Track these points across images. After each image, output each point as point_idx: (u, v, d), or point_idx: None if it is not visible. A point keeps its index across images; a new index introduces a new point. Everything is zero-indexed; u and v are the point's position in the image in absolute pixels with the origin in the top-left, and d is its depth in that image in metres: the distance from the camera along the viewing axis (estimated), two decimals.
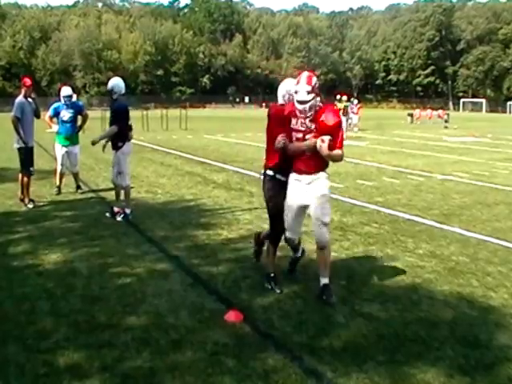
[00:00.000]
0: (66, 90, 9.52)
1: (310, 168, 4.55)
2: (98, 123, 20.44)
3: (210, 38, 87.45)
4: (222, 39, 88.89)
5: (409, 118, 39.05)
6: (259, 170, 5.19)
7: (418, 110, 43.63)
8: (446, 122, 34.49)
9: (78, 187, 9.75)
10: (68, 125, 9.50)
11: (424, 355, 3.62)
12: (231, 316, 4.13)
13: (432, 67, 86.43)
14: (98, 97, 65.77)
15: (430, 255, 5.90)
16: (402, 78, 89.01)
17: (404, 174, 12.18)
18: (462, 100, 79.08)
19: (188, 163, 14.07)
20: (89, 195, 9.50)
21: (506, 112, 70.45)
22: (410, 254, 5.92)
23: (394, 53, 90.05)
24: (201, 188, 10.22)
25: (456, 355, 3.61)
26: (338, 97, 25.72)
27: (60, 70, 75.20)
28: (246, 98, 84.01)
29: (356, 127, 27.46)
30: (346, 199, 9.00)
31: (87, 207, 8.45)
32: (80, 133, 9.88)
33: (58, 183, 9.53)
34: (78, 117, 9.75)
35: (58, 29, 78.64)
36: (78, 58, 75.47)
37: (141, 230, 6.94)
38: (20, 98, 8.17)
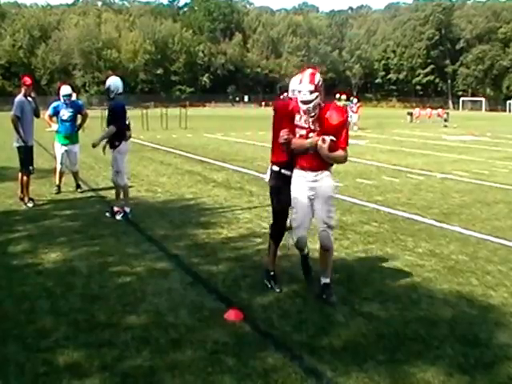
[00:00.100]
0: (66, 89, 9.51)
1: (314, 166, 4.45)
2: (97, 122, 20.43)
3: (210, 36, 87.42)
4: (221, 38, 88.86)
5: (408, 117, 39.04)
6: (259, 169, 5.19)
7: (417, 109, 43.60)
8: (445, 120, 34.50)
9: (77, 186, 9.75)
10: (67, 124, 9.50)
11: (424, 354, 3.62)
12: (231, 315, 4.13)
13: (431, 66, 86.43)
14: (98, 96, 65.72)
15: (429, 254, 5.90)
16: (401, 76, 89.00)
17: (403, 173, 12.19)
18: (461, 99, 79.06)
19: (188, 162, 14.07)
20: (88, 194, 9.50)
21: (505, 111, 70.43)
22: (409, 253, 5.93)
23: (394, 52, 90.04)
24: (201, 187, 10.22)
25: (456, 354, 3.61)
26: (338, 96, 25.74)
27: (60, 68, 75.20)
28: (246, 97, 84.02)
29: (355, 126, 27.44)
30: (346, 198, 9.00)
31: (87, 206, 8.44)
32: (80, 132, 9.89)
33: (57, 182, 9.53)
34: (78, 116, 9.75)
35: (58, 28, 78.62)
36: (78, 57, 75.45)
37: (140, 229, 6.94)
38: (20, 97, 8.16)
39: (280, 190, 4.68)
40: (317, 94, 4.29)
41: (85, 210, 8.10)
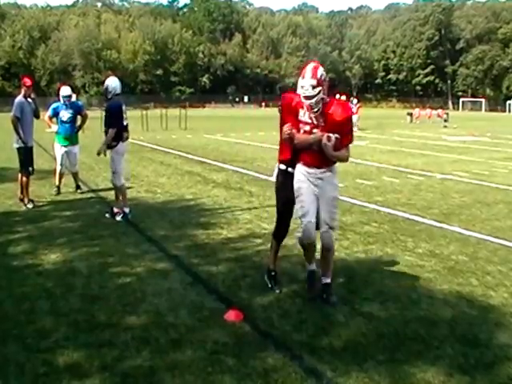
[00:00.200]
0: (66, 90, 9.50)
1: (318, 162, 4.36)
2: (97, 123, 20.36)
3: (210, 37, 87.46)
4: (221, 39, 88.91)
5: (408, 118, 39.07)
6: (259, 170, 5.18)
7: (417, 110, 43.63)
8: (445, 121, 34.52)
9: (77, 187, 9.75)
10: (67, 125, 9.49)
11: (424, 354, 3.62)
12: (231, 315, 4.13)
13: (431, 66, 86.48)
14: (98, 96, 65.69)
15: (429, 254, 5.90)
16: (401, 77, 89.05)
17: (403, 174, 12.19)
18: (461, 99, 79.09)
19: (187, 163, 14.07)
20: (88, 195, 9.50)
21: (505, 111, 70.49)
22: (409, 254, 5.93)
23: (394, 52, 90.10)
24: (200, 187, 10.22)
25: (456, 354, 3.61)
26: (338, 96, 25.70)
27: (59, 69, 75.22)
28: (246, 98, 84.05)
29: (355, 127, 27.45)
30: (346, 198, 8.99)
31: (87, 207, 8.45)
32: (79, 133, 9.88)
33: (57, 183, 9.52)
34: (78, 117, 9.74)
35: (58, 28, 78.64)
36: (78, 58, 75.47)
37: (140, 230, 6.94)
38: (20, 98, 8.16)
39: (286, 188, 4.61)
40: (320, 88, 4.17)
41: (85, 211, 8.11)
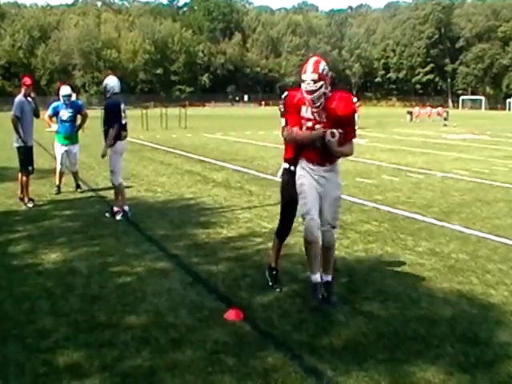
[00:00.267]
0: (65, 90, 9.51)
1: (321, 160, 4.28)
2: (97, 122, 20.28)
3: (210, 36, 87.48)
4: (221, 38, 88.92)
5: (408, 116, 39.05)
6: (259, 169, 5.18)
7: (417, 108, 43.57)
8: (445, 119, 34.50)
9: (77, 186, 9.75)
10: (67, 124, 9.50)
11: (424, 353, 3.61)
12: (231, 315, 4.13)
13: (431, 65, 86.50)
14: (98, 96, 65.76)
15: (429, 253, 5.89)
16: (401, 75, 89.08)
17: (403, 172, 12.18)
18: (461, 97, 79.07)
19: (187, 162, 14.07)
20: (88, 194, 9.50)
21: (505, 109, 70.43)
22: (409, 252, 5.92)
23: (394, 51, 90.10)
24: (200, 187, 10.22)
25: (456, 353, 3.61)
26: None
27: (59, 69, 75.28)
28: (246, 97, 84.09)
29: (356, 125, 27.44)
30: (346, 197, 8.98)
31: (87, 206, 8.44)
32: (79, 132, 9.89)
33: (57, 182, 9.53)
34: (78, 116, 9.74)
35: (58, 28, 78.71)
36: (78, 57, 75.52)
37: (140, 229, 6.94)
38: (20, 97, 8.16)
39: (290, 187, 4.57)
40: (321, 83, 4.07)
41: (85, 211, 8.10)
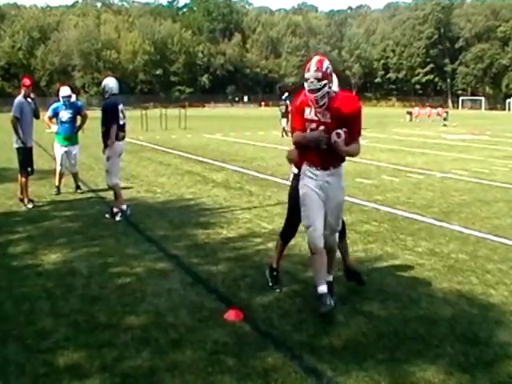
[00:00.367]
0: (65, 91, 9.51)
1: (324, 163, 4.17)
2: (97, 123, 20.35)
3: (209, 37, 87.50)
4: (221, 38, 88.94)
5: (408, 116, 39.07)
6: (258, 169, 5.18)
7: (416, 108, 43.61)
8: (444, 119, 34.49)
9: (77, 187, 9.75)
10: (67, 125, 9.50)
11: (424, 353, 3.62)
12: (231, 315, 4.13)
13: (431, 65, 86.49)
14: (98, 97, 65.69)
15: (429, 253, 5.89)
16: (400, 76, 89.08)
17: (403, 172, 12.19)
18: (460, 98, 79.08)
19: (187, 162, 14.07)
20: (88, 195, 9.51)
21: (504, 109, 70.41)
22: (409, 252, 5.93)
23: (393, 51, 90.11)
24: (200, 187, 10.22)
25: (456, 353, 3.61)
26: None
27: (59, 69, 75.27)
28: (245, 97, 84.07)
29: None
30: (346, 197, 8.97)
31: (87, 207, 8.45)
32: (79, 133, 9.89)
33: (57, 183, 9.53)
34: (78, 117, 9.74)
35: (57, 29, 78.71)
36: (77, 58, 75.51)
37: (140, 230, 6.94)
38: (19, 98, 8.17)
39: (297, 192, 4.46)
40: (325, 81, 3.94)
41: (84, 211, 8.11)
